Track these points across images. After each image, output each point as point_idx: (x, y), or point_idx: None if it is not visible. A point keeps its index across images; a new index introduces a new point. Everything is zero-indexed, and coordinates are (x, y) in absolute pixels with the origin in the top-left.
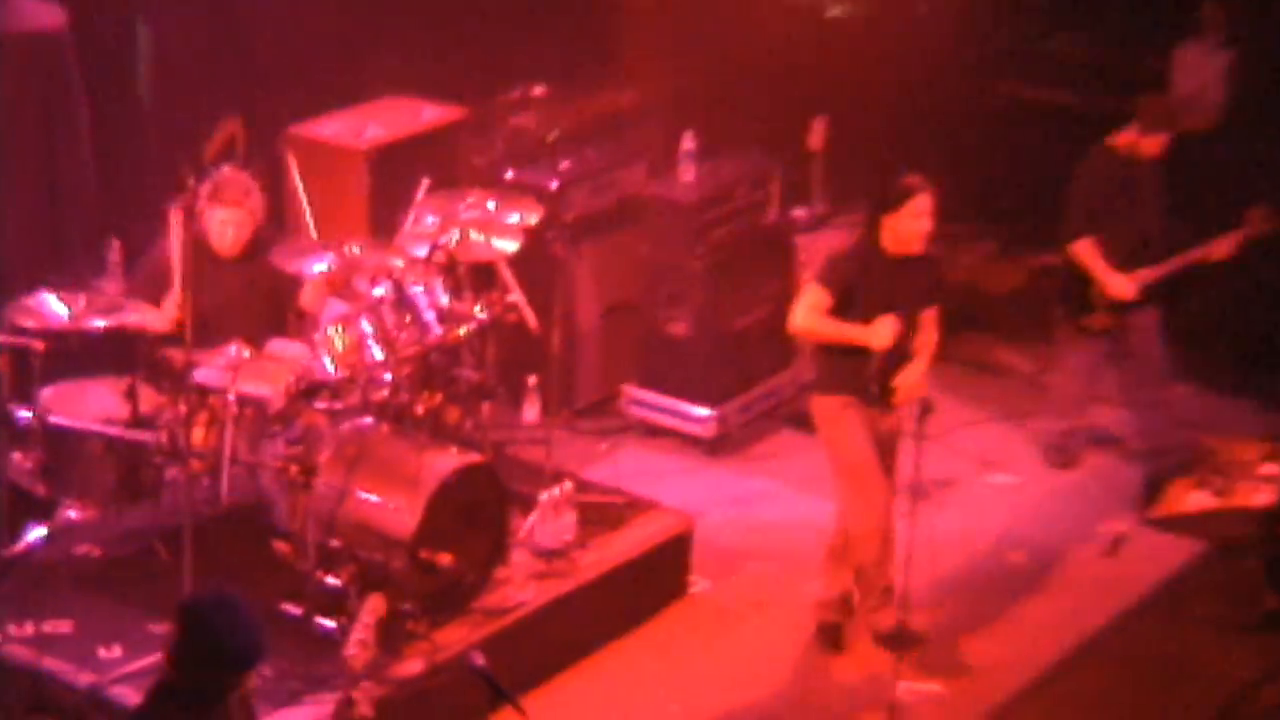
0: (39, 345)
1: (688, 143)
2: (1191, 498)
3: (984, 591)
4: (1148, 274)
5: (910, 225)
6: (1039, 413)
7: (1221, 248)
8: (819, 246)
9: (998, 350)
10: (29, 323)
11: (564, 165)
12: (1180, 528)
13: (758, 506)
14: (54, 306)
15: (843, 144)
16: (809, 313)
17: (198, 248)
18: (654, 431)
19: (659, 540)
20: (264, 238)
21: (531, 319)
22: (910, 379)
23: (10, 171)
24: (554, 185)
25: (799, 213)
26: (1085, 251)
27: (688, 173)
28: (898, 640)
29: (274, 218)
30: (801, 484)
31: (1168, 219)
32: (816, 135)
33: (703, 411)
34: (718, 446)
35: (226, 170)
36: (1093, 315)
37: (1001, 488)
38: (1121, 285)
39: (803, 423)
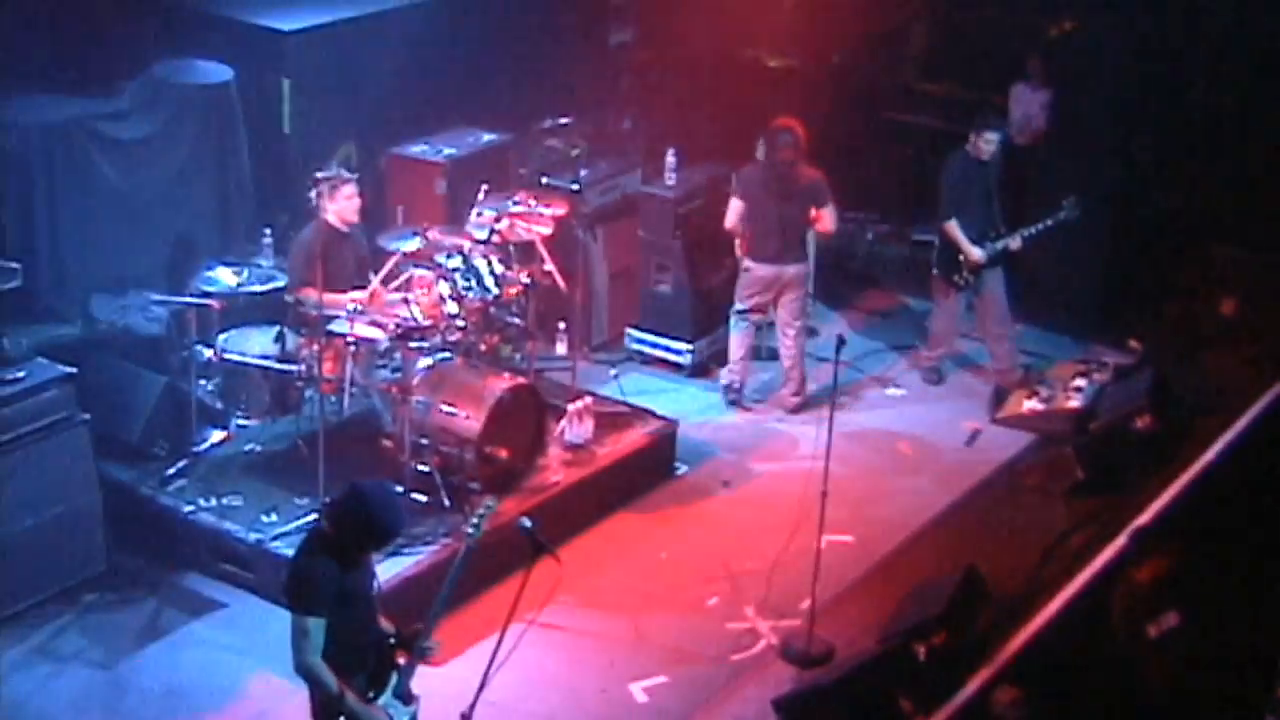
0: (216, 304)
1: (670, 157)
2: (1026, 404)
3: (881, 471)
4: (994, 244)
5: None
6: (919, 345)
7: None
8: None
9: (892, 301)
10: (209, 287)
11: (583, 173)
12: (1017, 425)
13: (723, 413)
14: (225, 276)
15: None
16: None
17: (326, 229)
18: (648, 361)
19: (653, 438)
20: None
21: (561, 282)
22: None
23: (193, 182)
24: (576, 188)
25: None
26: (951, 228)
27: (670, 178)
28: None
29: (377, 213)
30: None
31: (1007, 206)
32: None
33: (683, 346)
34: (694, 371)
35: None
36: (957, 274)
37: (894, 398)
38: (977, 253)
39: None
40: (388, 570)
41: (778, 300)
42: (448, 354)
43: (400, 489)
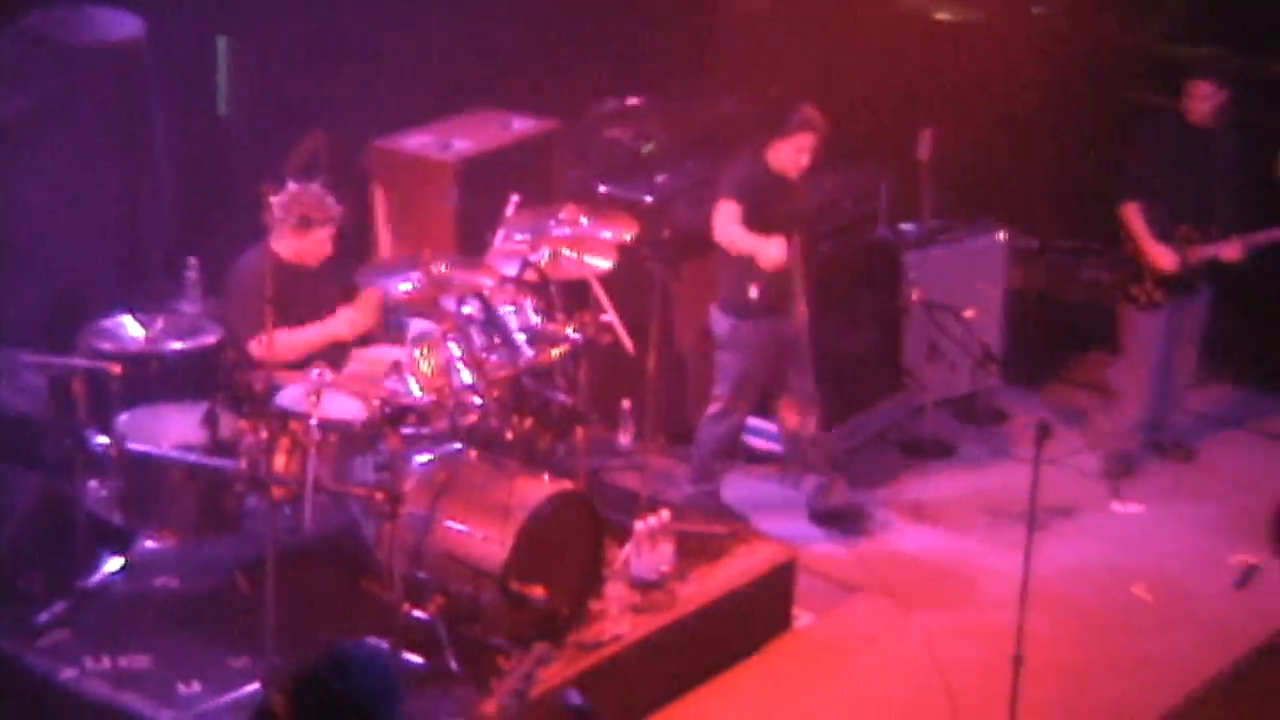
0: (116, 369)
1: None
2: None
3: (1107, 627)
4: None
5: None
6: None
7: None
8: (929, 263)
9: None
10: (105, 345)
11: (661, 179)
12: None
13: (865, 537)
14: (131, 329)
15: (954, 155)
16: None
17: (276, 260)
18: (755, 457)
19: (761, 572)
20: (340, 251)
21: (627, 340)
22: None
23: (86, 188)
24: (650, 200)
25: (907, 227)
26: (1131, 215)
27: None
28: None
29: (356, 234)
30: (913, 513)
31: (1233, 199)
32: (925, 146)
33: None
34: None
35: (311, 190)
36: (1136, 286)
37: (1125, 516)
38: (1164, 256)
39: (914, 449)
40: None
41: None
42: (458, 445)
43: (386, 647)
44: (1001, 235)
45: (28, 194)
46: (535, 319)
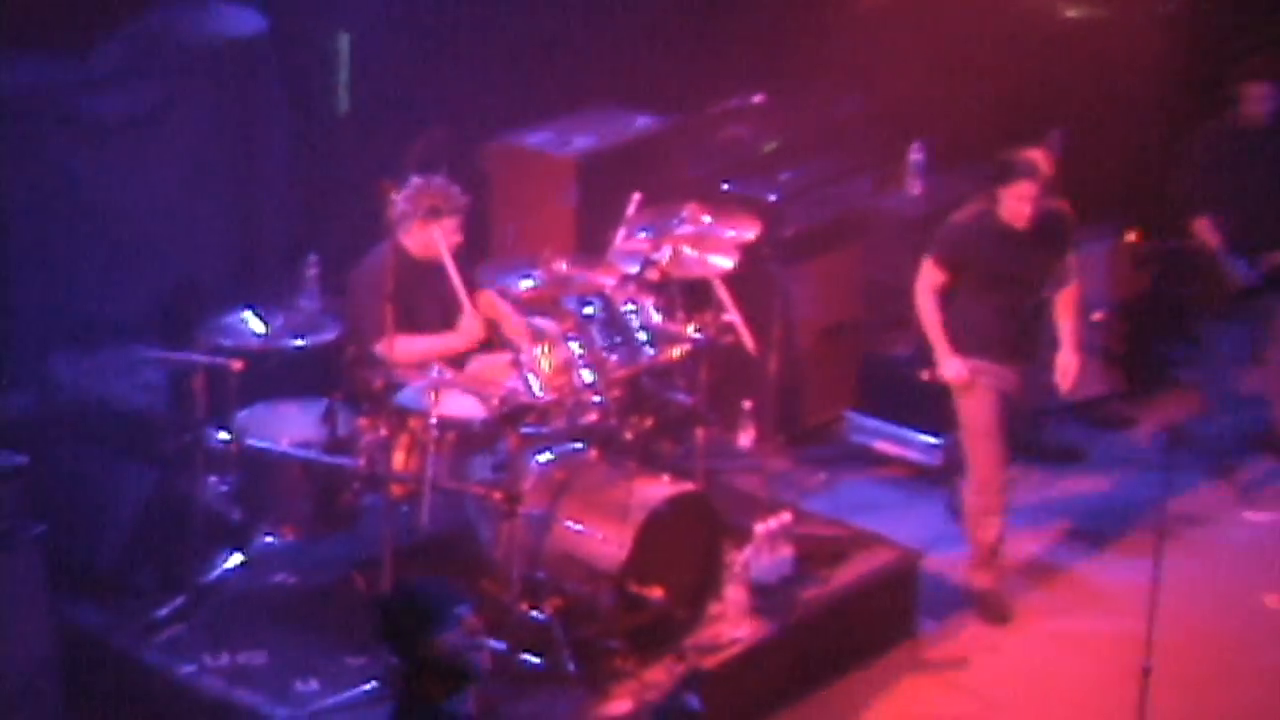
0: (236, 365)
1: (915, 153)
2: None
3: (1239, 641)
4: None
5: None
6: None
7: None
8: None
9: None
10: (226, 341)
11: (783, 177)
12: None
13: None
14: (250, 324)
15: (1082, 157)
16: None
17: (400, 259)
18: (877, 460)
19: (883, 577)
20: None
21: (748, 340)
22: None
23: (204, 184)
24: (772, 199)
25: None
26: (1203, 230)
27: (915, 185)
28: (985, 605)
29: (475, 232)
30: (1037, 518)
31: None
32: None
33: (929, 438)
34: (945, 476)
35: (435, 181)
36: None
37: (1258, 524)
38: (1238, 270)
39: (1042, 454)
40: None
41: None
42: (578, 444)
43: (501, 644)
44: (1131, 236)
45: (147, 190)
46: (657, 318)
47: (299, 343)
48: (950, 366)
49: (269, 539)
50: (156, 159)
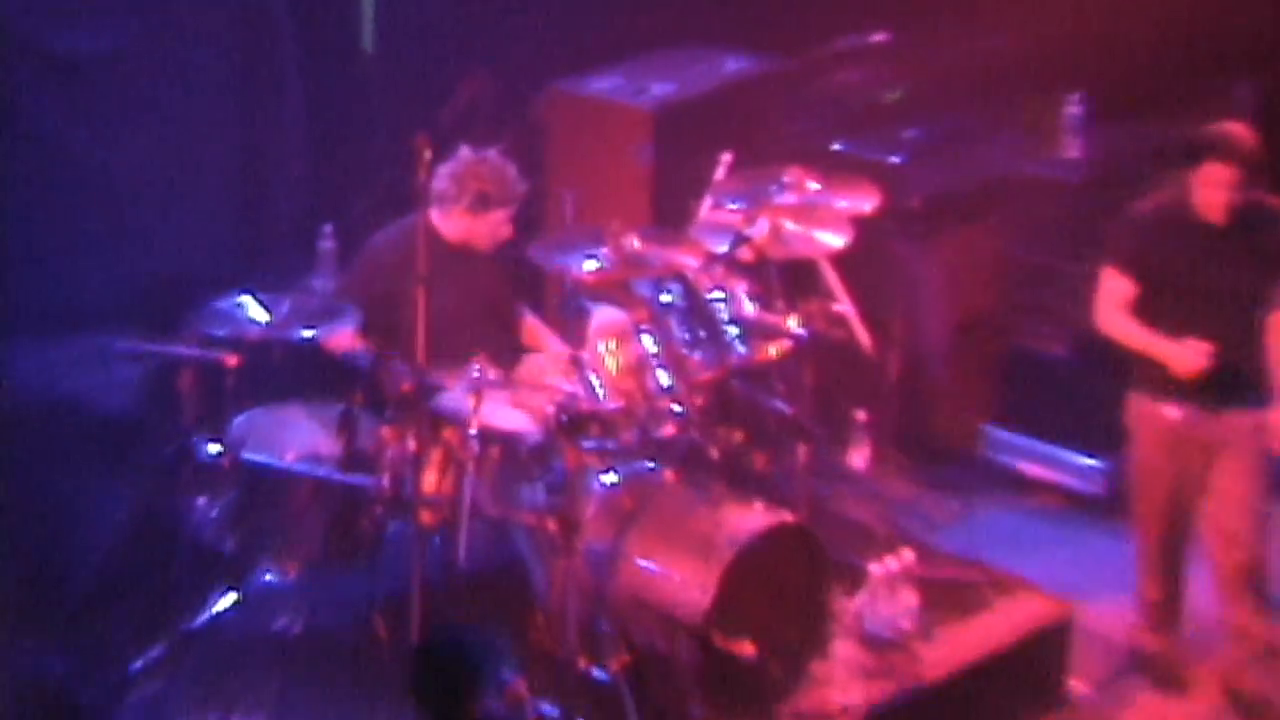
0: (231, 360)
1: (1073, 106)
2: None
3: None
4: None
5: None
6: None
7: None
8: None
9: None
10: (218, 331)
11: (908, 135)
12: None
13: None
14: (250, 310)
15: (1271, 110)
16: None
17: (430, 240)
18: (1023, 486)
19: (1027, 631)
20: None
21: (863, 336)
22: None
23: (198, 139)
24: (895, 161)
25: None
26: None
27: (1073, 146)
28: (1154, 669)
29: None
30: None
31: None
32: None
33: (1088, 460)
34: (1108, 508)
35: (491, 160)
36: None
37: None
38: None
39: None
40: None
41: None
42: (651, 463)
43: (554, 710)
44: None
45: (125, 145)
46: (750, 308)
47: (309, 333)
48: (1185, 353)
49: (269, 575)
50: (138, 106)
